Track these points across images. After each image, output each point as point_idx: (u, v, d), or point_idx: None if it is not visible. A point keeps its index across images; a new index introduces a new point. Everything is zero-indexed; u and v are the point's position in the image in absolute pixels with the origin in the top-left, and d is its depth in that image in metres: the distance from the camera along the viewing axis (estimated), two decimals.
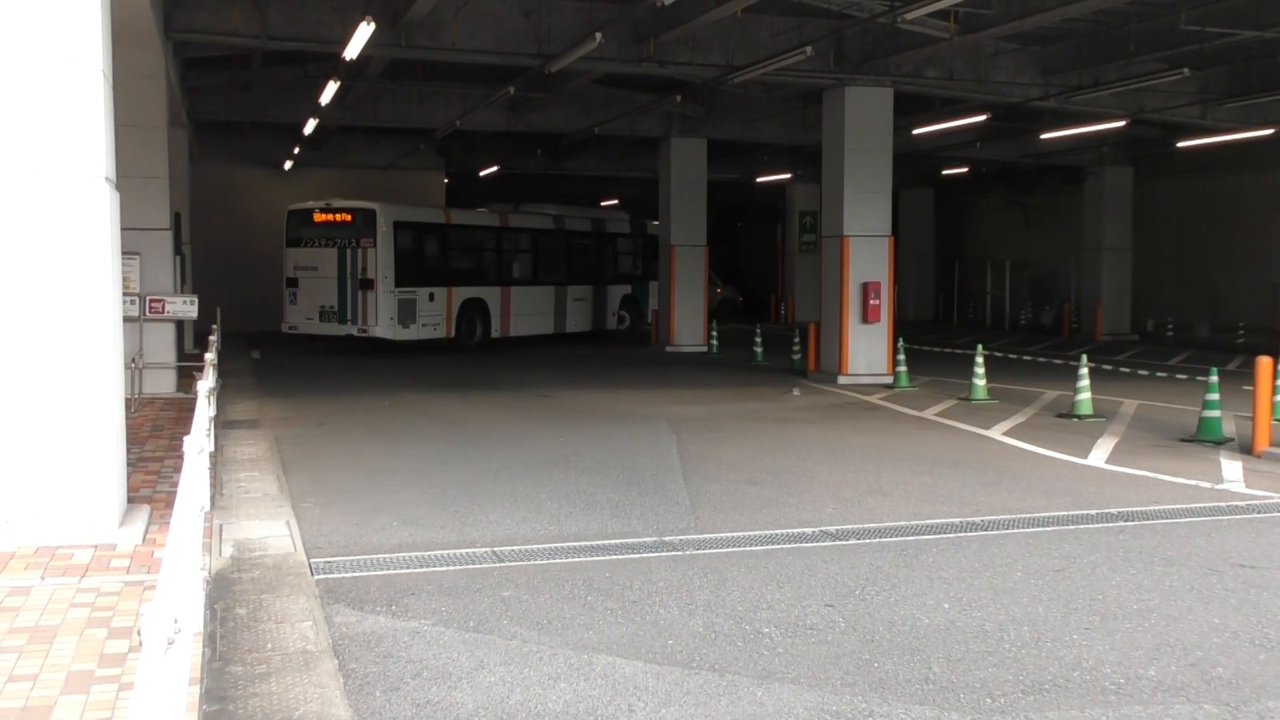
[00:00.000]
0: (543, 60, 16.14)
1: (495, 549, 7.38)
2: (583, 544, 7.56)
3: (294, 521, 7.84)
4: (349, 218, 22.85)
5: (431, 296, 23.45)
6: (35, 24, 6.68)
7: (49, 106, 6.70)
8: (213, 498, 8.30)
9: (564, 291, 27.01)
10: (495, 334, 25.09)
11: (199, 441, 5.43)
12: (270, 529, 7.55)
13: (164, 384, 15.06)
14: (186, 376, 15.09)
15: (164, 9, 14.22)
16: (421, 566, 6.95)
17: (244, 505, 8.28)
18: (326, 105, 20.48)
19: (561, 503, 8.89)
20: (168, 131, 15.61)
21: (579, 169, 33.20)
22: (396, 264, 22.64)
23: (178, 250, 17.62)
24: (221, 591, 6.06)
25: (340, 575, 6.73)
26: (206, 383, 8.57)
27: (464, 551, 7.32)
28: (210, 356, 11.63)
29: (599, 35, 14.33)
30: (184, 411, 12.87)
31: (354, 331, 22.59)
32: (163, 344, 15.11)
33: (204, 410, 7.56)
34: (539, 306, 26.26)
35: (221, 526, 7.55)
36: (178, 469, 8.60)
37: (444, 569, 6.91)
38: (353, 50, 14.72)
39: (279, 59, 20.44)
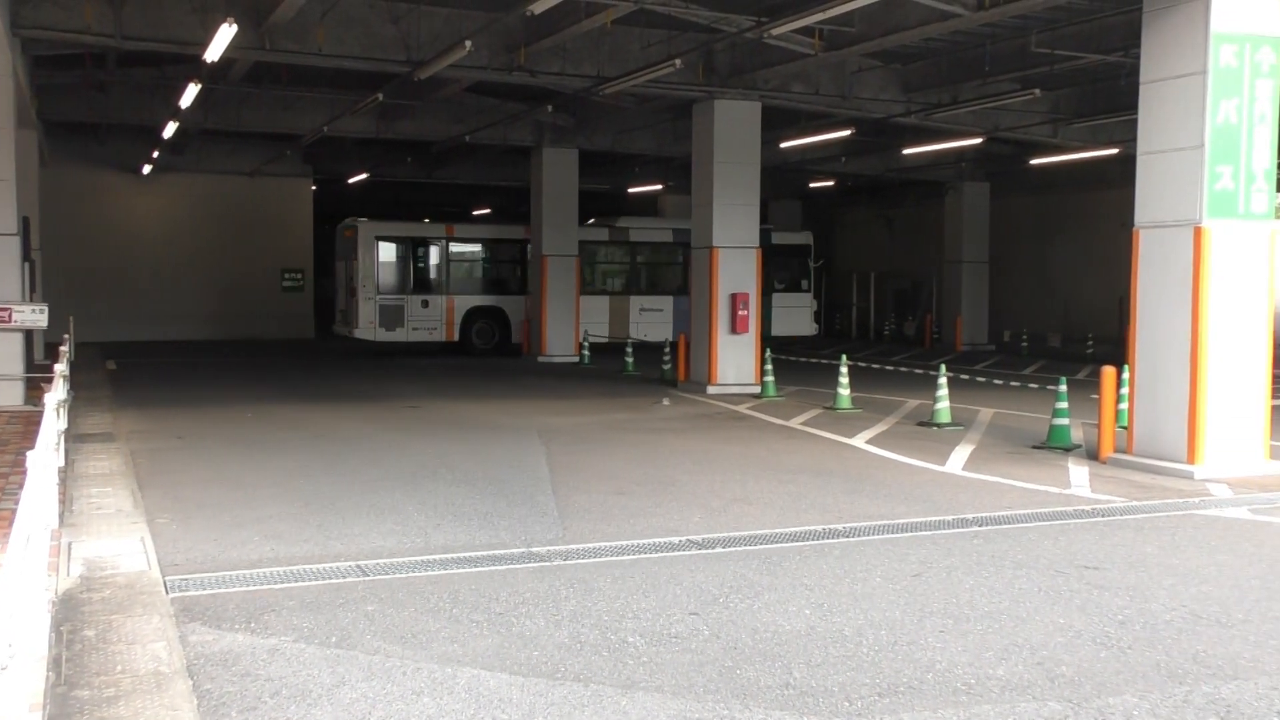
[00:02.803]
0: (412, 67, 15.98)
1: (360, 563, 7.27)
2: (449, 556, 7.49)
3: (149, 538, 7.59)
4: (351, 233, 25.98)
5: (425, 303, 26.04)
6: None
7: None
8: (61, 515, 7.98)
9: (624, 302, 27.66)
10: (518, 340, 26.49)
11: (45, 455, 5.23)
12: (123, 546, 7.30)
13: (10, 396, 14.44)
14: (35, 388, 14.46)
15: (10, 4, 13.66)
16: (282, 582, 6.80)
17: (95, 522, 7.99)
18: (187, 108, 19.91)
19: (429, 515, 8.80)
20: (15, 132, 14.97)
21: (450, 177, 32.99)
22: (378, 273, 25.54)
23: (26, 257, 16.92)
24: (69, 613, 5.83)
25: (197, 593, 6.53)
26: (56, 394, 8.25)
27: (327, 566, 7.19)
28: (61, 367, 11.19)
29: (469, 43, 14.25)
30: (31, 425, 12.34)
31: (346, 333, 25.98)
32: (9, 354, 14.50)
33: (52, 423, 7.28)
34: (585, 316, 26.66)
35: (70, 545, 7.26)
36: (23, 485, 8.25)
37: (306, 584, 6.77)
38: (214, 53, 14.35)
39: (136, 59, 19.79)
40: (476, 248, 27.27)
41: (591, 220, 28.38)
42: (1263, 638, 5.91)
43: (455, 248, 26.85)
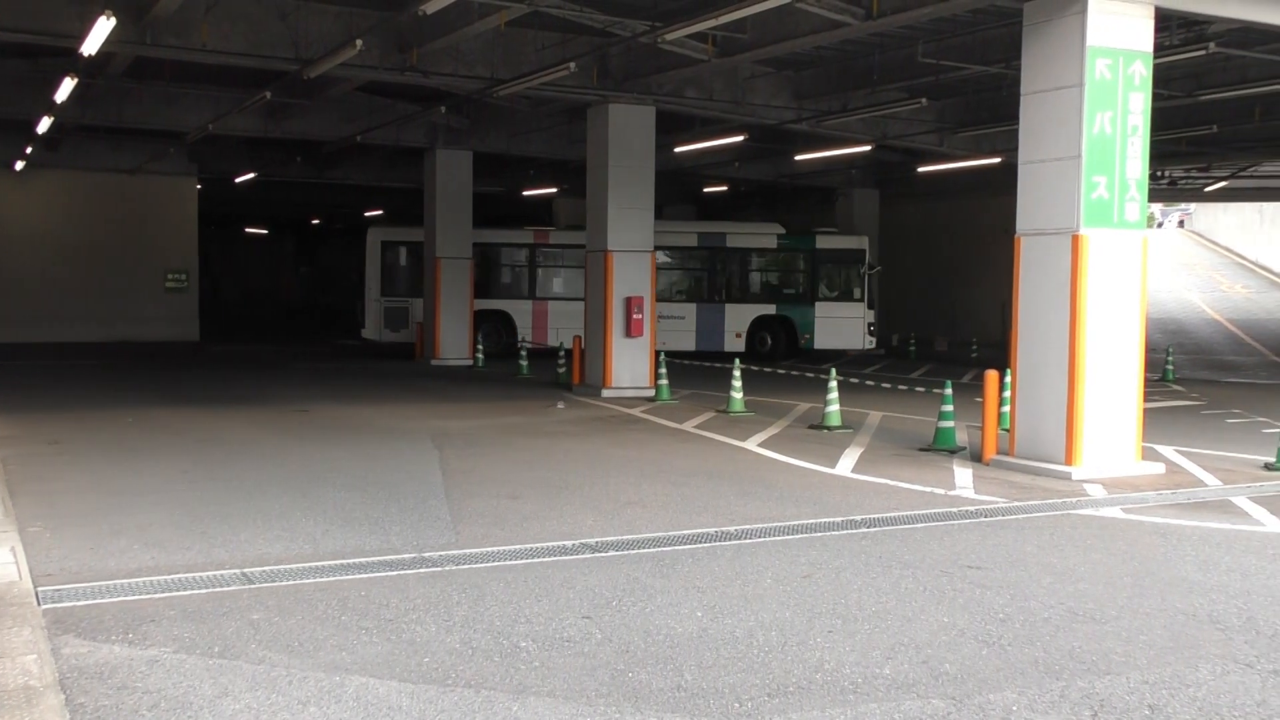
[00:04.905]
0: (300, 65, 15.67)
1: (245, 570, 7.10)
2: (339, 563, 7.36)
3: (20, 548, 7.32)
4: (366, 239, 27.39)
5: None
6: None
7: None
8: None
9: None
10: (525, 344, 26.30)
11: None
12: None
13: None
14: None
15: None
16: (163, 591, 6.61)
17: None
18: (62, 103, 19.22)
19: (318, 520, 8.63)
20: None
21: (342, 178, 32.46)
22: (383, 277, 26.91)
23: None
24: None
25: (71, 604, 6.31)
26: None
27: (211, 574, 7.00)
28: None
29: (359, 42, 14.03)
30: None
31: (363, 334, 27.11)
32: None
33: None
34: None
35: None
36: None
37: (188, 593, 6.59)
38: (91, 46, 13.87)
39: (6, 51, 19.02)
40: (490, 253, 27.05)
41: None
42: (1134, 633, 6.13)
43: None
